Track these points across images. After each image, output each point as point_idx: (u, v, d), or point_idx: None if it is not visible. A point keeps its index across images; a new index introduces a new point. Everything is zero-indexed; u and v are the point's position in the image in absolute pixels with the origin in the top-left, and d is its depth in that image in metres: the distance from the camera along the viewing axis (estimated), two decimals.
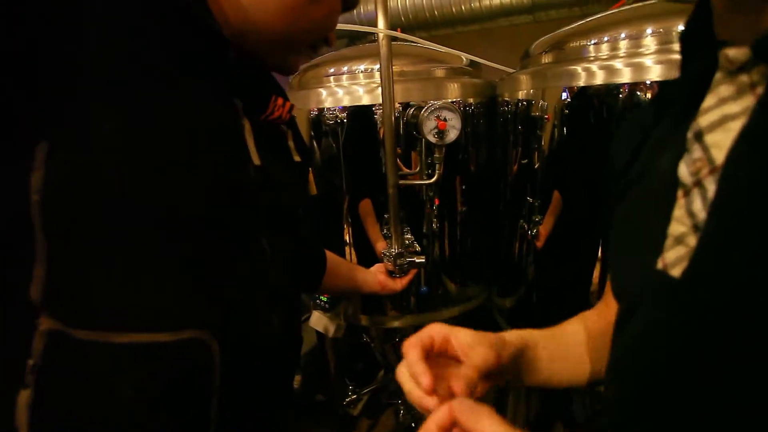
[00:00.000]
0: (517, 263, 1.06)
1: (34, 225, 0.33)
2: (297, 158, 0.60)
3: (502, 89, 1.03)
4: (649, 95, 0.74)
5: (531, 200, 0.99)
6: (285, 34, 0.48)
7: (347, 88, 0.97)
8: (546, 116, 0.90)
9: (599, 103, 0.81)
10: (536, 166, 0.95)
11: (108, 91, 0.35)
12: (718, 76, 0.29)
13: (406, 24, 1.55)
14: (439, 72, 1.02)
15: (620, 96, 0.76)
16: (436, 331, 0.44)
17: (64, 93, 0.33)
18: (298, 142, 0.60)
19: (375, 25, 0.84)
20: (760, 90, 0.26)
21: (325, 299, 1.05)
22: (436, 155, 0.90)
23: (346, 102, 0.95)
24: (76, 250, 0.35)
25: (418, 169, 0.99)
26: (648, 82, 0.72)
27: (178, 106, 0.40)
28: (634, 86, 0.74)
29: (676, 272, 0.28)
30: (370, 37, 1.63)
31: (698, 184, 0.28)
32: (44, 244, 0.34)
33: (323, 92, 0.98)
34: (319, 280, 0.81)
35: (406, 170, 0.98)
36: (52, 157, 0.33)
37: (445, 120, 0.85)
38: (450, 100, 0.96)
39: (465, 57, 1.08)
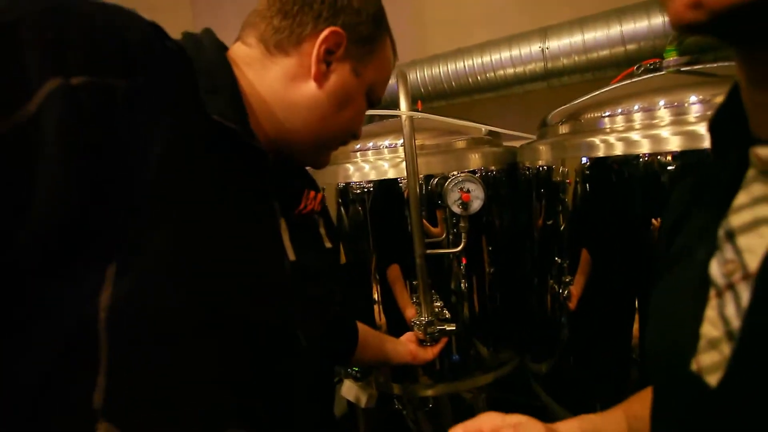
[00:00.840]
0: (549, 326, 1.04)
1: (99, 339, 0.36)
2: (328, 244, 0.64)
3: (522, 157, 1.07)
4: (668, 161, 0.76)
5: (559, 261, 1.00)
6: (316, 139, 0.55)
7: (373, 163, 1.03)
8: (567, 180, 0.92)
9: (619, 169, 0.83)
10: (562, 228, 0.96)
11: (166, 217, 0.39)
12: (751, 173, 0.29)
13: (425, 94, 1.64)
14: (460, 143, 1.07)
15: (638, 164, 0.78)
16: (485, 421, 0.44)
17: (131, 221, 0.37)
18: (329, 228, 0.65)
19: (397, 99, 0.92)
20: None
21: (356, 369, 1.05)
22: (462, 224, 0.93)
23: (373, 176, 1.01)
24: (135, 360, 0.38)
25: (444, 234, 1.02)
26: (666, 152, 0.75)
27: (225, 220, 0.44)
28: (652, 156, 0.76)
29: (712, 380, 0.29)
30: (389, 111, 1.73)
31: (731, 287, 0.29)
32: (108, 355, 0.36)
33: (350, 167, 1.04)
34: (351, 355, 0.82)
35: (432, 230, 1.00)
36: (120, 277, 0.36)
37: (468, 191, 0.89)
38: (472, 170, 1.00)
39: (484, 128, 1.13)
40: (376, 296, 1.08)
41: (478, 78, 1.51)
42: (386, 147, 1.05)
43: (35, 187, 0.32)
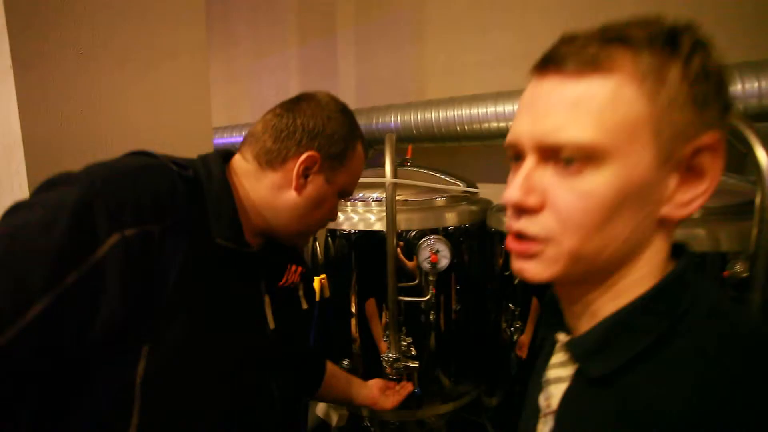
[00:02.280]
0: (501, 364, 1.19)
1: (135, 396, 0.53)
2: (305, 306, 0.80)
3: (491, 221, 1.21)
4: None
5: (512, 307, 1.15)
6: (297, 231, 0.71)
7: (362, 214, 1.17)
8: None
9: None
10: (516, 280, 1.11)
11: (180, 314, 0.56)
12: (558, 344, 0.46)
13: (417, 135, 1.78)
14: (439, 201, 1.22)
15: None
16: None
17: (157, 317, 0.54)
18: (307, 291, 0.80)
19: (390, 132, 1.08)
20: (573, 368, 0.43)
21: None
22: (430, 278, 1.08)
23: (361, 227, 1.16)
24: (160, 411, 0.55)
25: (416, 279, 1.17)
26: None
27: (222, 309, 0.62)
28: None
29: None
30: (379, 147, 1.87)
31: (546, 415, 0.45)
32: (139, 411, 0.53)
33: (341, 216, 1.19)
34: (315, 390, 0.96)
35: (408, 264, 1.14)
36: (150, 354, 0.53)
37: (437, 252, 1.03)
38: (446, 226, 1.15)
39: (462, 188, 1.28)
40: (353, 327, 1.23)
41: (466, 128, 1.65)
42: (374, 200, 1.19)
43: (100, 307, 0.49)
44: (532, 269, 0.40)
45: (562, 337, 0.45)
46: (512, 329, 1.16)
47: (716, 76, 0.36)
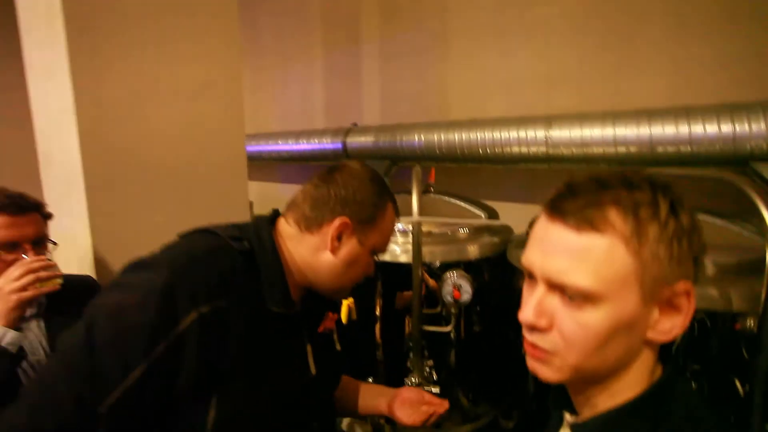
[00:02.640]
0: (518, 391, 1.26)
1: None
2: (338, 347, 0.90)
3: (510, 257, 1.26)
4: None
5: None
6: (334, 288, 0.79)
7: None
8: None
9: None
10: None
11: (241, 371, 0.66)
12: (564, 423, 0.55)
13: (440, 155, 1.83)
14: (461, 234, 1.27)
15: None
16: None
17: (224, 374, 0.64)
18: (341, 335, 0.88)
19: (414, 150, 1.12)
20: None
21: None
22: (453, 311, 1.15)
23: (387, 258, 1.22)
24: None
25: (439, 309, 1.23)
26: None
27: (275, 363, 0.71)
28: None
29: None
30: (406, 165, 1.93)
31: None
32: None
33: None
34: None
35: (431, 282, 1.21)
36: (219, 404, 0.63)
37: (459, 288, 1.10)
38: (469, 260, 1.21)
39: (484, 215, 1.33)
40: (379, 349, 1.31)
41: (488, 150, 1.69)
42: (399, 231, 1.26)
43: (182, 370, 0.61)
44: (544, 372, 0.50)
45: (568, 417, 0.55)
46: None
47: (688, 235, 0.45)
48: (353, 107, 2.43)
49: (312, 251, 0.75)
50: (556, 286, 0.47)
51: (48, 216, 1.04)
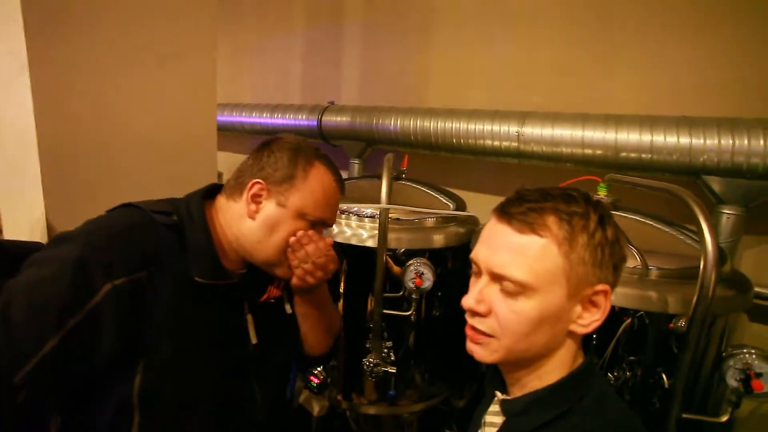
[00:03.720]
0: (470, 374, 1.32)
1: (134, 406, 0.67)
2: (289, 310, 0.91)
3: (473, 242, 1.30)
4: None
5: None
6: (264, 257, 0.78)
7: (354, 229, 1.26)
8: None
9: None
10: None
11: (168, 337, 0.69)
12: (497, 398, 0.64)
13: (415, 142, 1.84)
14: (429, 222, 1.30)
15: None
16: None
17: (150, 339, 0.68)
18: (290, 296, 0.90)
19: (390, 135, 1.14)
20: (502, 419, 0.61)
21: (314, 384, 1.32)
22: (414, 296, 1.18)
23: (354, 242, 1.24)
24: (154, 414, 0.69)
25: (401, 293, 1.27)
26: None
27: (206, 329, 0.74)
28: None
29: None
30: (381, 148, 1.93)
31: None
32: (138, 416, 0.67)
33: (334, 228, 1.27)
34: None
35: (395, 269, 1.24)
36: (145, 370, 0.67)
37: (421, 275, 1.13)
38: (433, 248, 1.24)
39: (452, 206, 1.36)
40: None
41: (462, 141, 1.72)
42: (367, 216, 1.27)
43: (101, 341, 0.64)
44: (480, 353, 0.59)
45: (499, 394, 0.64)
46: None
47: (611, 245, 0.54)
48: (331, 85, 2.40)
49: (237, 219, 0.77)
50: (496, 278, 0.55)
51: None
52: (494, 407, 0.64)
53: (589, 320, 0.55)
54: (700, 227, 0.78)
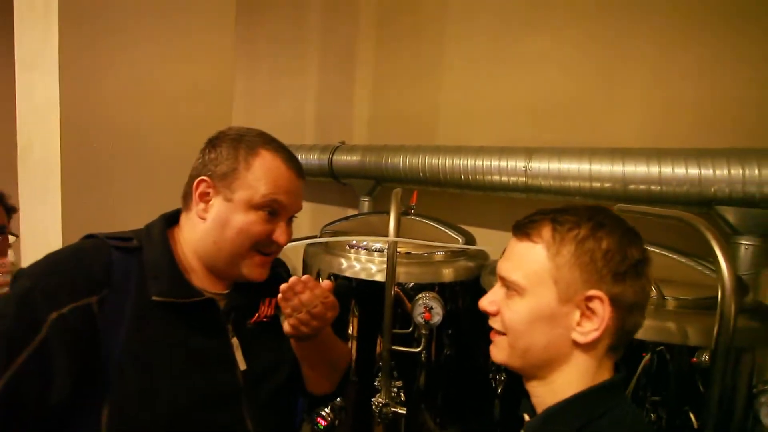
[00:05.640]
0: (485, 414, 1.26)
1: None
2: (288, 329, 0.75)
3: (483, 282, 1.29)
4: None
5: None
6: (225, 259, 0.73)
7: (363, 264, 1.25)
8: None
9: None
10: None
11: (131, 371, 0.64)
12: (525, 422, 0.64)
13: (423, 178, 1.86)
14: (438, 256, 1.29)
15: None
16: None
17: (113, 376, 0.62)
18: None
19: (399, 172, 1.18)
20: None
21: (321, 427, 1.26)
22: (423, 332, 1.15)
23: (363, 276, 1.23)
24: None
25: (411, 329, 1.24)
26: None
27: (173, 352, 0.67)
28: None
29: None
30: (391, 186, 1.96)
31: None
32: None
33: (344, 262, 1.27)
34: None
35: (408, 305, 1.21)
36: (112, 407, 0.62)
37: (430, 310, 1.11)
38: (441, 282, 1.22)
39: (461, 240, 1.36)
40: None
41: (470, 177, 1.73)
42: (376, 251, 1.27)
43: (55, 375, 0.59)
44: (493, 352, 0.64)
45: (526, 417, 0.65)
46: (497, 380, 1.23)
47: (605, 254, 0.56)
48: (343, 124, 2.47)
49: (193, 228, 0.74)
50: (503, 281, 0.62)
51: (10, 208, 1.03)
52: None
53: (588, 328, 0.56)
54: (714, 253, 0.76)
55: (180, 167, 1.30)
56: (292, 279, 0.71)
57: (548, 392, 0.60)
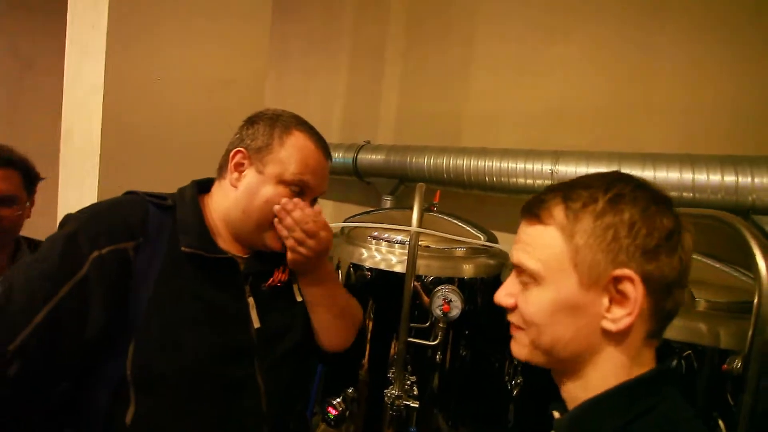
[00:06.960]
0: (499, 416, 1.23)
1: (129, 384, 0.66)
2: (299, 298, 0.88)
3: (504, 277, 1.27)
4: None
5: (516, 362, 1.19)
6: (250, 226, 0.79)
7: (384, 254, 1.25)
8: None
9: None
10: None
11: (158, 316, 0.69)
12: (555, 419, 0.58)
13: (447, 180, 1.86)
14: (459, 252, 1.28)
15: None
16: None
17: (140, 318, 0.68)
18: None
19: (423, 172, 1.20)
20: None
21: (332, 416, 1.26)
22: (441, 324, 1.14)
23: (383, 266, 1.23)
24: (149, 392, 0.67)
25: (428, 323, 1.23)
26: None
27: (196, 303, 0.73)
28: None
29: None
30: (414, 185, 1.95)
31: None
32: (134, 392, 0.66)
33: (364, 252, 1.27)
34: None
35: (425, 299, 1.20)
36: (136, 351, 0.67)
37: (449, 302, 1.09)
38: (462, 277, 1.21)
39: (483, 238, 1.34)
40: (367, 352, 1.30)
41: (494, 179, 1.72)
42: (397, 242, 1.27)
43: (90, 310, 0.65)
44: (513, 347, 0.58)
45: (555, 414, 0.59)
46: (513, 383, 1.20)
47: (629, 227, 0.49)
48: (369, 124, 2.49)
49: (225, 195, 0.80)
50: (517, 270, 0.56)
51: (34, 177, 1.08)
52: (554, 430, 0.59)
53: (619, 314, 0.49)
54: (752, 254, 0.73)
55: (212, 155, 1.34)
56: (283, 200, 0.78)
57: (579, 387, 0.53)
